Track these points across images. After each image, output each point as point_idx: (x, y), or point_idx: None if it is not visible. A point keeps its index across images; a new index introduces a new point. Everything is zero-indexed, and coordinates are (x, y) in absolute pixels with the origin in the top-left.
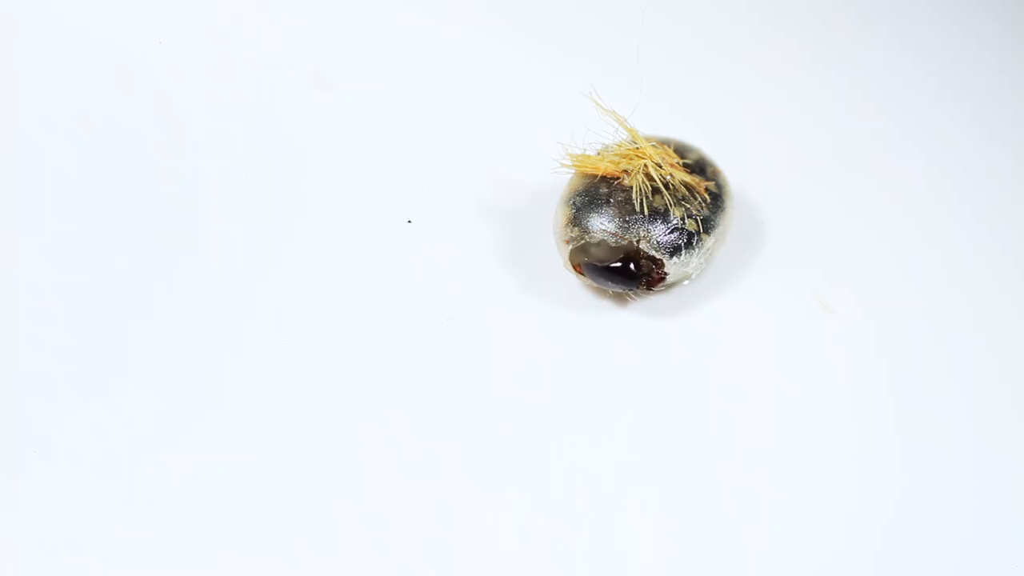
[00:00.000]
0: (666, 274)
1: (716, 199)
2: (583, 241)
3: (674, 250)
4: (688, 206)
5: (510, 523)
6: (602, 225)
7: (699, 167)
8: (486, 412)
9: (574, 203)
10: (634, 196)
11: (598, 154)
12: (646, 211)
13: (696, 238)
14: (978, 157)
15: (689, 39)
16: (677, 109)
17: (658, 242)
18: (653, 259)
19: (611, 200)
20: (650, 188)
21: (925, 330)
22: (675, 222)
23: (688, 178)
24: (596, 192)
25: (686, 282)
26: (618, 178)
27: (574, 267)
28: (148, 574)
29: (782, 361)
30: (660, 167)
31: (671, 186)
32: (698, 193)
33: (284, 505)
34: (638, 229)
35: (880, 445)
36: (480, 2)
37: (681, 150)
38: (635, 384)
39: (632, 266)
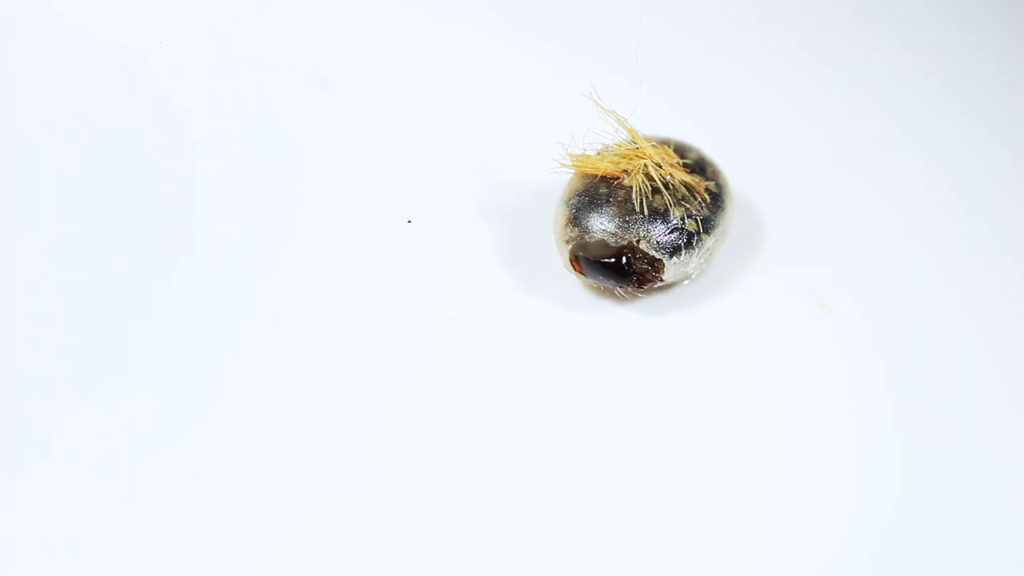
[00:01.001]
0: (660, 277)
1: (716, 199)
2: (583, 240)
3: (674, 250)
4: (688, 206)
5: (510, 523)
6: (602, 225)
7: (699, 167)
8: (486, 412)
9: (573, 203)
10: (634, 196)
11: (598, 154)
12: (646, 211)
13: (696, 238)
14: (978, 157)
15: (688, 39)
16: (677, 109)
17: (658, 242)
18: (652, 259)
19: (611, 200)
20: (650, 188)
21: (925, 330)
22: (675, 222)
23: (688, 178)
24: (596, 192)
25: (686, 282)
26: (618, 178)
27: (573, 266)
28: (148, 574)
29: (782, 361)
30: (660, 167)
31: (671, 186)
32: (698, 193)
33: (284, 505)
34: (638, 229)
35: (880, 445)
36: (480, 2)
37: (681, 150)
38: (635, 384)
39: (625, 263)
